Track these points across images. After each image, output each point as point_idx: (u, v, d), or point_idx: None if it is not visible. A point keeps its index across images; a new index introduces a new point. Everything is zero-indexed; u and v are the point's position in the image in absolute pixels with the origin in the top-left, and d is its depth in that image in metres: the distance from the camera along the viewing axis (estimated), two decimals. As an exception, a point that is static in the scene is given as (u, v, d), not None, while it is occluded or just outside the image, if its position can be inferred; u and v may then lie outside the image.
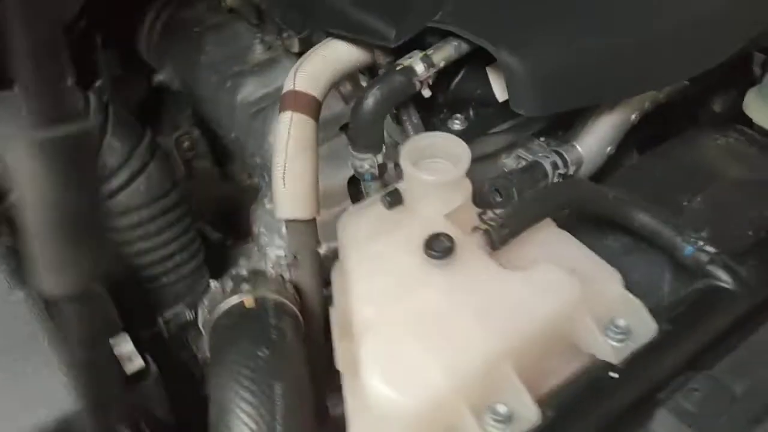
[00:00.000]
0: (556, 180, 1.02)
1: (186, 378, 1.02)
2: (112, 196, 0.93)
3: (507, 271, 0.71)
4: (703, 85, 1.05)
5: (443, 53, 0.91)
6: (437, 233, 0.72)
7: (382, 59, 0.94)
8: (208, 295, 0.87)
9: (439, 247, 0.71)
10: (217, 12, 1.34)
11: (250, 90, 1.22)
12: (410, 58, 0.90)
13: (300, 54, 0.99)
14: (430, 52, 0.90)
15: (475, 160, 1.06)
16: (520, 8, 0.91)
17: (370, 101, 0.90)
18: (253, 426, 0.72)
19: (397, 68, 0.89)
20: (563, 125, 1.08)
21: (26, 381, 0.64)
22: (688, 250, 0.77)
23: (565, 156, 1.02)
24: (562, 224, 0.87)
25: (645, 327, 0.72)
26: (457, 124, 1.00)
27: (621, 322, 0.71)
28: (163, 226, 0.98)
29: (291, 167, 0.89)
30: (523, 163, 1.06)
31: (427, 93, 0.91)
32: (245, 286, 0.84)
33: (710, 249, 0.76)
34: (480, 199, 1.04)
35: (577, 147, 1.03)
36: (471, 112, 1.01)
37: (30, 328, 0.67)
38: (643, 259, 0.83)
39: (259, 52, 1.25)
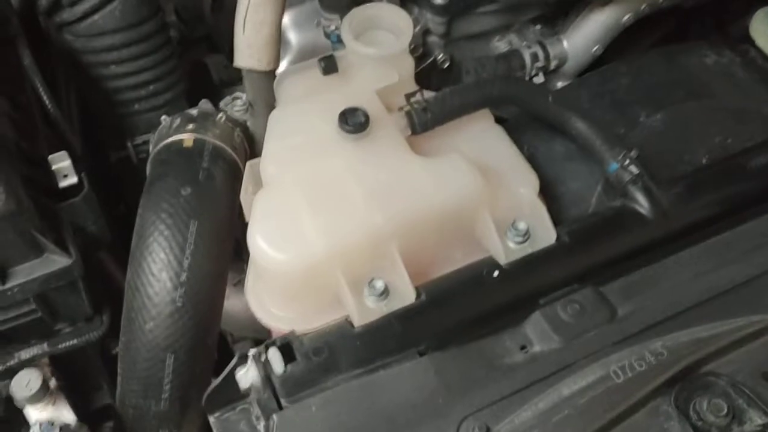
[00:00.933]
0: (534, 72, 1.00)
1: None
2: (87, 16, 0.95)
3: (414, 156, 0.72)
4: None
5: None
6: (354, 107, 0.72)
7: None
8: (158, 128, 0.90)
9: (352, 121, 0.72)
10: None
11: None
12: None
13: None
14: None
15: (465, 38, 1.05)
16: None
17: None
18: (163, 256, 0.77)
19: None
20: (563, 14, 1.04)
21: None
22: (612, 166, 0.75)
23: (548, 48, 0.99)
24: (513, 120, 0.86)
25: (545, 234, 0.72)
26: (438, -1, 0.97)
27: (521, 225, 0.72)
28: (138, 52, 1.00)
29: (252, 14, 0.88)
30: (523, 43, 1.03)
31: (401, -42, 0.88)
32: (190, 126, 0.87)
33: (633, 169, 0.74)
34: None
35: (563, 41, 0.99)
36: (458, -14, 0.97)
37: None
38: (581, 169, 0.82)
39: None
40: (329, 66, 0.77)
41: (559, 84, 1.03)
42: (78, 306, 0.84)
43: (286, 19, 1.10)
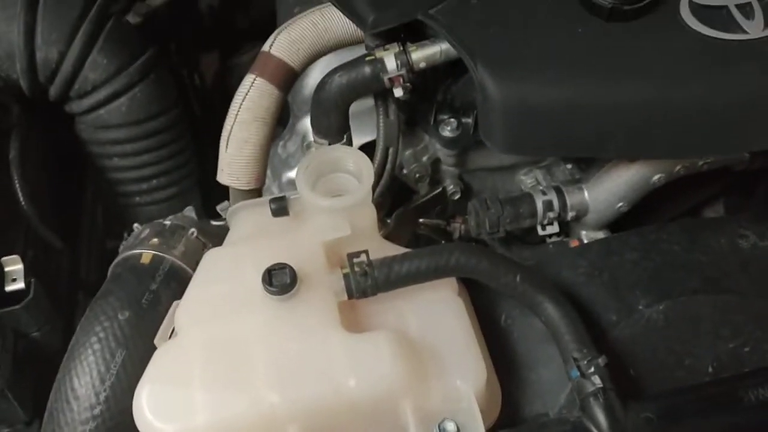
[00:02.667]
0: (546, 222, 0.89)
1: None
2: (93, 109, 0.95)
3: (338, 328, 0.64)
4: (764, 162, 0.84)
5: (425, 53, 0.79)
6: (282, 265, 0.65)
7: (369, 41, 0.84)
8: (130, 236, 0.87)
9: (277, 280, 0.65)
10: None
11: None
12: (387, 49, 0.80)
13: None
14: (411, 48, 0.79)
15: (490, 170, 0.96)
16: (528, 28, 0.76)
17: (330, 86, 0.82)
18: (81, 384, 0.73)
19: (367, 58, 0.80)
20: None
21: None
22: (573, 372, 0.64)
23: (566, 197, 0.88)
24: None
25: (476, 443, 0.62)
26: (447, 131, 0.89)
27: (449, 427, 0.62)
28: (143, 148, 0.99)
29: (236, 133, 0.84)
30: (539, 186, 0.93)
31: (398, 92, 0.81)
32: (155, 240, 0.84)
33: (597, 380, 0.62)
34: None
35: (584, 192, 0.88)
36: (470, 120, 0.89)
37: None
38: (559, 356, 0.70)
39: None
40: (279, 209, 0.71)
41: (583, 233, 0.92)
42: (12, 412, 0.82)
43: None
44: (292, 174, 1.10)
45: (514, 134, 0.75)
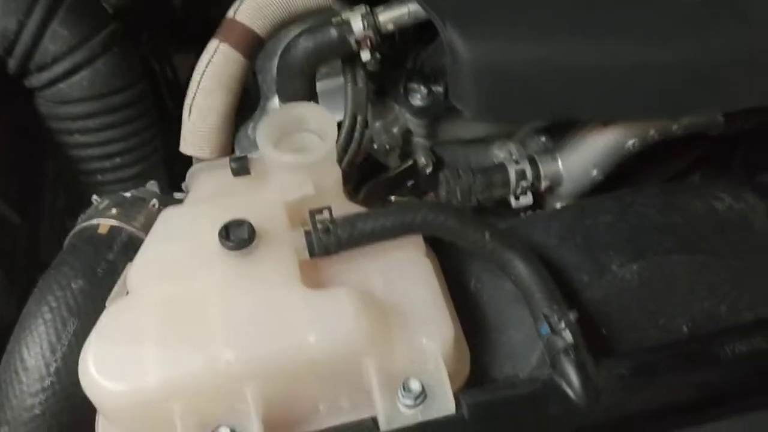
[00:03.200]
0: (519, 192, 0.87)
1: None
2: (53, 83, 0.92)
3: (298, 285, 0.61)
4: (739, 126, 0.82)
5: (392, 15, 0.78)
6: (240, 220, 0.62)
7: (336, 6, 0.82)
8: (90, 208, 0.84)
9: (235, 235, 0.62)
10: None
11: None
12: (353, 11, 0.78)
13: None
14: (378, 9, 0.77)
15: (457, 143, 0.94)
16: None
17: (296, 50, 0.80)
18: (31, 355, 0.70)
19: (333, 20, 0.78)
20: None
21: None
22: (543, 328, 0.61)
23: (540, 167, 0.86)
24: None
25: (442, 401, 0.59)
26: (417, 99, 0.87)
27: (414, 386, 0.59)
28: (105, 123, 0.96)
29: (199, 101, 0.82)
30: (513, 157, 0.91)
31: (365, 55, 0.79)
32: (113, 211, 0.81)
33: (567, 336, 0.60)
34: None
35: (558, 160, 0.86)
36: (440, 88, 0.87)
37: None
38: (529, 316, 0.68)
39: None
40: (240, 168, 0.68)
41: (558, 205, 0.90)
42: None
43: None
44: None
45: (485, 97, 0.73)
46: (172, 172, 1.03)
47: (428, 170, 0.92)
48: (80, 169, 0.99)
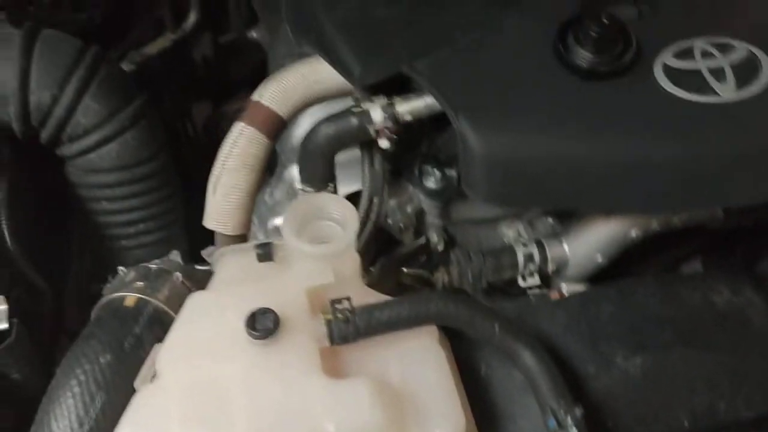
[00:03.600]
0: (527, 273, 0.90)
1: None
2: (84, 153, 0.96)
3: (319, 373, 0.64)
4: (738, 221, 0.86)
5: (410, 106, 0.82)
6: (266, 309, 0.66)
7: (357, 93, 0.86)
8: (115, 278, 0.88)
9: (261, 324, 0.65)
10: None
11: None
12: (373, 102, 0.82)
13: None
14: (397, 101, 0.82)
15: (468, 222, 0.98)
16: (509, 82, 0.78)
17: (317, 136, 0.84)
18: (62, 425, 0.73)
19: (354, 110, 0.82)
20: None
21: None
22: (551, 422, 0.64)
23: (546, 250, 0.90)
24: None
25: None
26: (431, 182, 0.91)
27: (427, 476, 0.62)
28: (131, 192, 1.00)
29: (224, 179, 0.86)
30: (521, 239, 0.94)
31: (384, 144, 0.83)
32: (140, 283, 0.84)
33: (574, 432, 0.63)
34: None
35: (564, 245, 0.90)
36: (453, 172, 0.90)
37: None
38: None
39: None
40: (264, 254, 0.72)
41: (563, 285, 0.93)
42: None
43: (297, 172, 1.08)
44: (278, 221, 1.11)
45: (493, 185, 0.77)
46: (194, 239, 1.07)
47: (440, 248, 0.96)
48: (105, 234, 1.03)
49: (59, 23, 1.31)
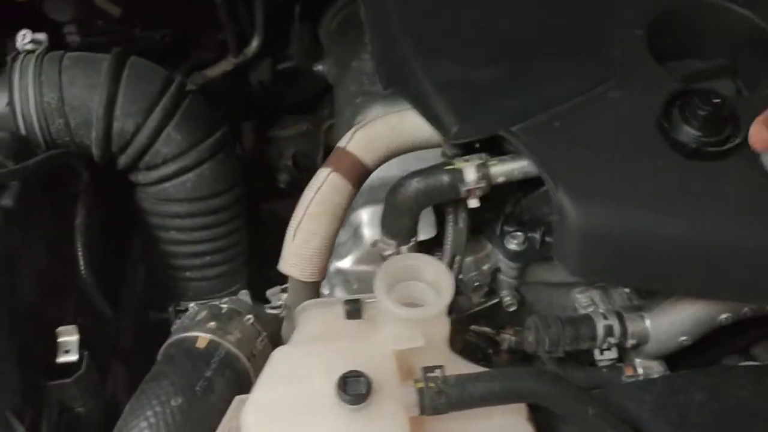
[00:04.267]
0: (605, 347, 0.88)
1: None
2: (160, 182, 0.96)
3: (408, 447, 0.62)
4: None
5: (504, 169, 0.80)
6: (358, 373, 0.64)
7: (447, 149, 0.85)
8: (184, 315, 0.86)
9: (352, 389, 0.63)
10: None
11: (373, 115, 1.19)
12: (467, 160, 0.80)
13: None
14: (491, 162, 0.80)
15: (545, 284, 0.96)
16: (610, 155, 0.77)
17: (406, 190, 0.82)
18: (129, 470, 0.71)
19: (446, 167, 0.80)
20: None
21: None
22: None
23: (627, 324, 0.87)
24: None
25: None
26: (513, 243, 0.89)
27: None
28: (202, 224, 0.99)
29: (305, 225, 0.84)
30: (589, 311, 0.92)
31: (474, 203, 0.81)
32: (211, 324, 0.83)
33: None
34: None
35: (646, 321, 0.87)
36: (537, 235, 0.89)
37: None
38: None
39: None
40: (353, 311, 0.71)
41: (638, 361, 0.91)
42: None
43: (365, 215, 1.07)
44: (341, 263, 1.09)
45: (588, 258, 0.75)
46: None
47: (512, 309, 0.94)
48: (170, 264, 1.02)
49: (129, 40, 1.32)
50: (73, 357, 0.77)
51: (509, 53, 0.84)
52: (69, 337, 0.78)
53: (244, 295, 0.91)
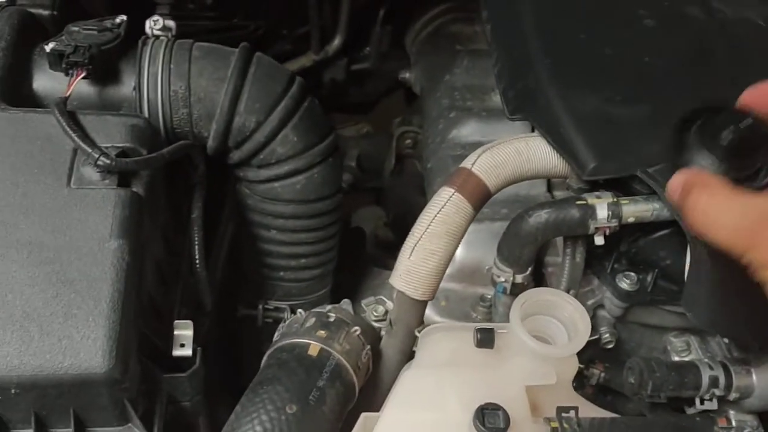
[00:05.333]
0: (707, 397, 0.87)
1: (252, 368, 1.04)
2: (268, 181, 0.95)
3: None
4: None
5: (637, 209, 0.79)
6: (497, 407, 0.63)
7: (574, 182, 0.84)
8: (291, 320, 0.86)
9: (491, 422, 0.63)
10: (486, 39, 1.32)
11: (467, 132, 1.19)
12: (599, 197, 0.80)
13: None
14: (623, 201, 0.79)
15: (639, 324, 0.95)
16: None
17: (533, 220, 0.81)
18: (241, 471, 0.71)
19: (578, 202, 0.80)
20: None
21: (71, 324, 0.67)
22: None
23: (733, 378, 0.86)
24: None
25: None
26: (625, 283, 0.88)
27: None
28: (303, 226, 0.99)
29: (424, 243, 0.83)
30: (684, 356, 0.91)
31: (599, 241, 0.80)
32: (322, 333, 0.82)
33: None
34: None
35: (753, 376, 0.86)
36: (648, 278, 0.88)
37: (104, 278, 0.70)
38: None
39: (498, 99, 1.20)
40: (485, 340, 0.70)
41: (732, 413, 0.90)
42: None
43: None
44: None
45: (723, 314, 0.75)
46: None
47: (610, 346, 0.93)
48: (265, 262, 1.01)
49: (223, 29, 1.32)
50: (187, 351, 0.77)
51: (652, 92, 0.83)
52: (185, 331, 0.77)
53: (347, 305, 0.90)
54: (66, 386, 0.66)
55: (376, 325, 0.91)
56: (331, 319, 0.84)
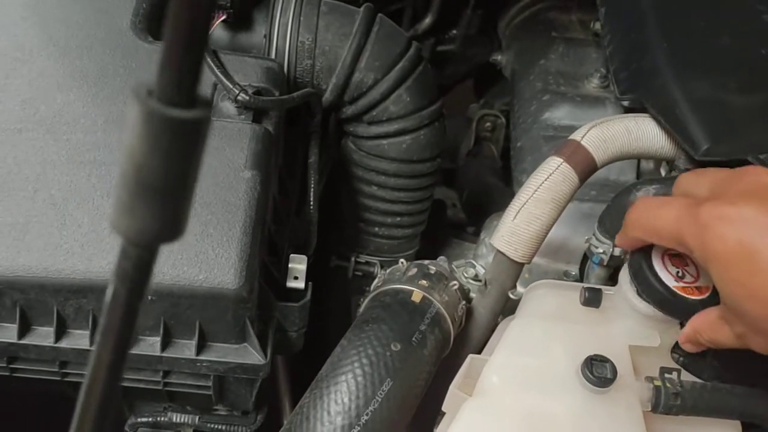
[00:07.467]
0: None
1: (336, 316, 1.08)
2: (377, 138, 0.99)
3: (644, 437, 0.64)
4: None
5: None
6: (605, 358, 0.66)
7: (682, 162, 0.87)
8: (392, 268, 0.90)
9: (598, 372, 0.66)
10: (582, 28, 1.34)
11: (560, 115, 1.21)
12: (706, 179, 0.82)
13: (629, 109, 0.94)
14: (733, 185, 0.81)
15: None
16: None
17: (639, 195, 0.84)
18: (346, 401, 0.75)
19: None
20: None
21: (207, 243, 0.72)
22: None
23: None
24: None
25: None
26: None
27: None
28: (403, 185, 1.03)
29: (529, 207, 0.87)
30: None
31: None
32: (424, 282, 0.86)
33: None
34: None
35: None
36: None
37: (238, 204, 0.74)
38: None
39: (593, 85, 1.23)
40: (592, 299, 0.73)
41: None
42: (243, 399, 0.84)
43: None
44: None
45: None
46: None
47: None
48: (362, 216, 1.05)
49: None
50: (300, 284, 0.81)
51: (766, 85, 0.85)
52: (299, 265, 0.82)
53: (443, 261, 0.94)
54: (198, 298, 0.71)
55: (469, 286, 0.94)
56: (432, 272, 0.88)
